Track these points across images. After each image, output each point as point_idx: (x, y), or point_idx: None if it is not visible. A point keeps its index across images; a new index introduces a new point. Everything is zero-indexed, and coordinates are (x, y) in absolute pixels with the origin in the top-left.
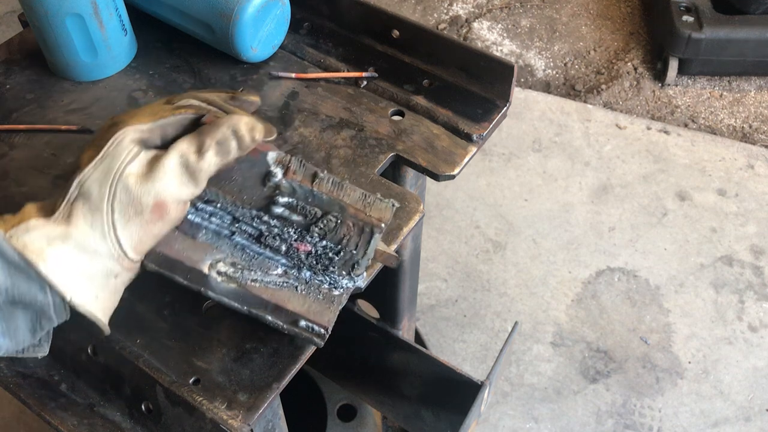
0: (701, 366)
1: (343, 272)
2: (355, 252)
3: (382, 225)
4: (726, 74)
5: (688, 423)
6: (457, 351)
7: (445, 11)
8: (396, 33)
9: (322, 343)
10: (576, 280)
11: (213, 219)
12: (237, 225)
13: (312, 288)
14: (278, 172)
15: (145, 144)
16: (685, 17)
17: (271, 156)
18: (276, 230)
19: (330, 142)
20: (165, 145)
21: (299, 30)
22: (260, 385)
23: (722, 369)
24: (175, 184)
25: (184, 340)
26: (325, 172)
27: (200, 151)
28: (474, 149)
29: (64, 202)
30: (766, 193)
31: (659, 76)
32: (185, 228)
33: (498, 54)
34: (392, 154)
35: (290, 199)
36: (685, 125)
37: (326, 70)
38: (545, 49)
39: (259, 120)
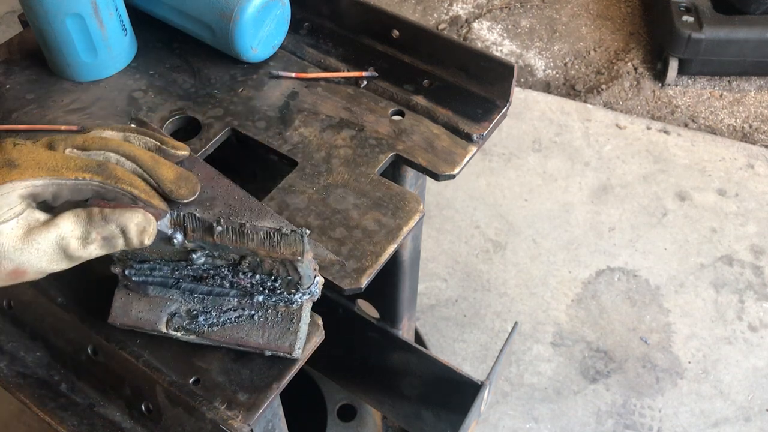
0: (701, 366)
1: (292, 290)
2: (290, 277)
3: (298, 258)
4: (726, 74)
5: (688, 423)
6: (457, 351)
7: (445, 11)
8: (396, 33)
9: (297, 357)
10: (576, 280)
11: (155, 273)
12: (177, 273)
13: (269, 311)
14: (178, 236)
15: (33, 199)
16: (685, 17)
17: (164, 223)
18: (212, 272)
19: (330, 142)
20: (55, 203)
21: (299, 30)
22: (260, 385)
23: (722, 369)
24: (44, 261)
25: None
26: (222, 221)
27: (85, 240)
28: (474, 149)
29: None
30: (766, 193)
31: (659, 76)
32: (135, 288)
33: (498, 54)
34: (392, 154)
35: (204, 251)
36: (685, 125)
37: (326, 70)
38: (545, 49)
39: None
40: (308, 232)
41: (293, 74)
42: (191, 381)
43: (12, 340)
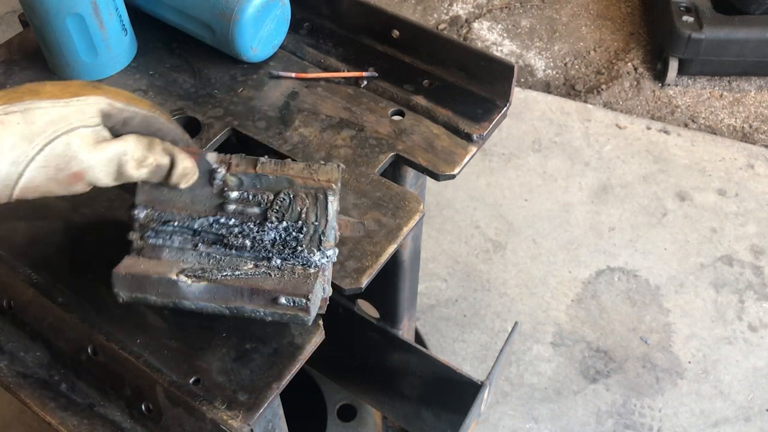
0: (701, 366)
1: (313, 249)
2: (316, 223)
3: (333, 186)
4: (726, 74)
5: (688, 423)
6: (457, 351)
7: (445, 11)
8: (396, 33)
9: (308, 318)
10: (576, 280)
11: (174, 237)
12: (198, 237)
13: (286, 272)
14: (222, 169)
15: (107, 119)
16: (685, 17)
17: (211, 156)
18: (236, 229)
19: (330, 142)
20: (122, 130)
21: (299, 30)
22: (260, 385)
23: (722, 369)
24: (102, 171)
25: (184, 340)
26: (266, 156)
27: (141, 162)
28: (474, 149)
29: (4, 104)
30: (766, 193)
31: (659, 76)
32: (149, 252)
33: (498, 54)
34: (392, 154)
35: (239, 192)
36: (685, 125)
37: (326, 70)
38: (545, 49)
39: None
40: (342, 166)
41: (293, 74)
42: (191, 381)
43: (12, 340)
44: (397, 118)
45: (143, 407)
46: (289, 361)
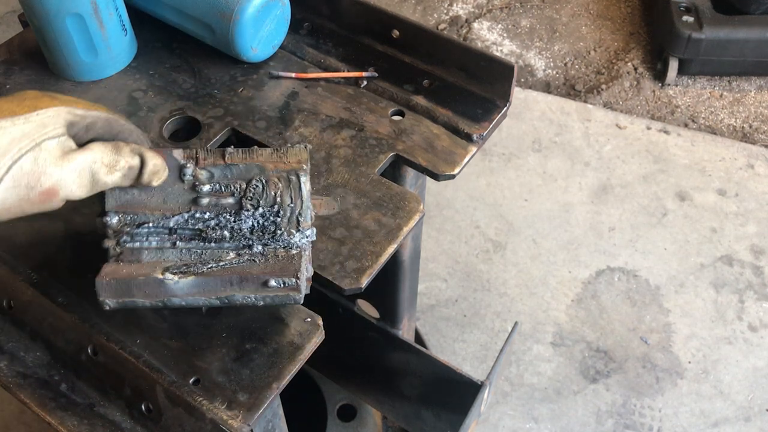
0: (701, 366)
1: (291, 230)
2: (292, 205)
3: (303, 166)
4: (726, 74)
5: (688, 423)
6: (457, 351)
7: (445, 11)
8: (396, 33)
9: (300, 297)
10: (576, 280)
11: (151, 238)
12: (175, 234)
13: (269, 256)
14: (190, 165)
15: (70, 127)
16: (685, 17)
17: (177, 153)
18: (213, 222)
19: (330, 142)
20: (86, 136)
21: (299, 30)
22: (260, 385)
23: (722, 369)
24: (75, 182)
25: (184, 340)
26: (232, 147)
27: (112, 167)
28: (474, 149)
29: None
30: (766, 193)
31: (659, 76)
32: (128, 257)
33: (498, 54)
34: (392, 154)
35: (211, 185)
36: (685, 125)
37: (326, 70)
38: (545, 49)
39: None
40: (310, 146)
41: (293, 74)
42: (191, 381)
43: (12, 340)
44: (397, 118)
45: (143, 407)
46: (289, 361)
